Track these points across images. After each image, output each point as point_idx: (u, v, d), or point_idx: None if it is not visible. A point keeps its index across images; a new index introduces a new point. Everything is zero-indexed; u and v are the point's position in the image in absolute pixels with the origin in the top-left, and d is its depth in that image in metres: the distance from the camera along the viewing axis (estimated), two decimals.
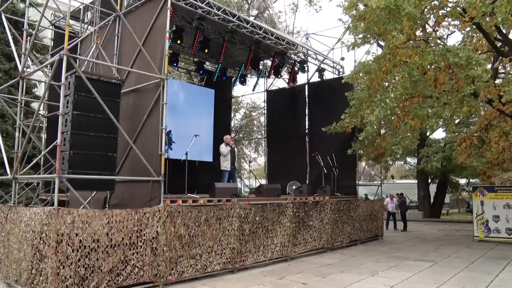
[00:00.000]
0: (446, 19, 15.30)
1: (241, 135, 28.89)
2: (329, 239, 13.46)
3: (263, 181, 20.07)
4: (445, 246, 15.17)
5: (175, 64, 16.54)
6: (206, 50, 14.18)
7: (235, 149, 13.33)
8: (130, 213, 7.90)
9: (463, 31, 16.25)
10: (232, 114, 24.60)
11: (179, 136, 13.39)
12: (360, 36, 14.13)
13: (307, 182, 16.98)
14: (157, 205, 8.53)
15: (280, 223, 11.41)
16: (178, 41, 13.65)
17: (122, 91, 9.30)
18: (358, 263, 11.56)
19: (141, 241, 8.00)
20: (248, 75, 18.91)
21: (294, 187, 15.62)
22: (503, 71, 17.97)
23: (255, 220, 10.61)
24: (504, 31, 15.53)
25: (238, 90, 29.07)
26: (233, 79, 19.31)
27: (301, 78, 18.47)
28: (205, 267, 9.21)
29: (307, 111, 18.43)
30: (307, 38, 19.02)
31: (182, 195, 10.61)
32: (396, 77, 14.20)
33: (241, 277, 9.47)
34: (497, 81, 16.27)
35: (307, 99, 18.52)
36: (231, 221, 9.86)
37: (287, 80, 18.71)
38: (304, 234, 12.44)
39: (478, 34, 15.95)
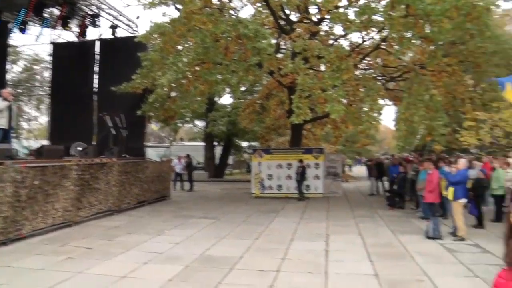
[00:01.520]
0: None
1: (20, 91, 25.65)
2: (116, 201, 13.19)
3: (45, 142, 18.39)
4: (226, 203, 16.40)
5: None
6: None
7: (14, 106, 11.72)
8: None
9: (254, 6, 17.39)
10: (9, 66, 21.64)
11: None
12: None
13: (93, 143, 16.16)
14: None
15: (62, 187, 10.63)
16: None
17: None
18: (146, 223, 11.69)
19: None
20: (30, 23, 16.73)
21: (79, 148, 14.65)
22: (284, 47, 19.89)
23: (34, 185, 9.63)
24: (287, 11, 17.15)
25: (17, 38, 25.60)
26: (10, 25, 16.87)
27: (93, 33, 17.25)
28: None
29: (97, 68, 17.39)
30: None
31: None
32: (190, 42, 14.46)
33: (16, 249, 8.55)
34: (279, 55, 17.92)
35: (97, 56, 17.44)
36: (4, 186, 8.73)
37: (76, 34, 17.20)
38: (89, 197, 11.90)
39: (267, 11, 17.24)
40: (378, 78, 17.71)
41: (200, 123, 34.16)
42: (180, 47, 14.92)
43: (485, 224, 11.09)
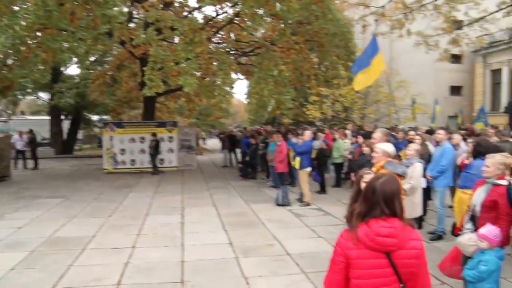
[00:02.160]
0: None
1: None
2: None
3: None
4: (76, 180, 15.47)
5: None
6: None
7: None
8: None
9: None
10: None
11: None
12: None
13: None
14: None
15: None
16: None
17: None
18: None
19: None
20: None
21: None
22: (137, 16, 19.04)
23: None
24: None
25: None
26: None
27: None
28: None
29: None
30: None
31: None
32: (28, 3, 13.00)
33: None
34: (131, 25, 17.12)
35: None
36: None
37: None
38: None
39: None
40: (231, 52, 18.07)
41: (44, 95, 31.32)
42: (16, 8, 13.32)
43: (327, 190, 12.25)
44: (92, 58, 22.77)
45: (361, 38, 20.78)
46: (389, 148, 4.86)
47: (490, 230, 3.87)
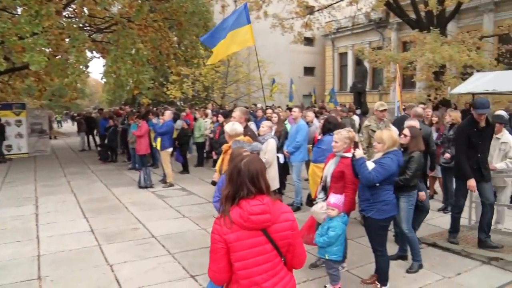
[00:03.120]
0: None
1: None
2: None
3: None
4: None
5: None
6: None
7: None
8: None
9: None
10: None
11: None
12: None
13: None
14: None
15: None
16: None
17: None
18: None
19: None
20: None
21: None
22: None
23: None
24: None
25: None
26: None
27: None
28: None
29: None
30: None
31: None
32: None
33: None
34: None
35: None
36: None
37: None
38: None
39: None
40: (85, 28, 16.91)
41: None
42: None
43: (190, 169, 12.33)
44: None
45: (220, 18, 20.91)
46: (229, 128, 4.95)
47: (337, 198, 4.30)
